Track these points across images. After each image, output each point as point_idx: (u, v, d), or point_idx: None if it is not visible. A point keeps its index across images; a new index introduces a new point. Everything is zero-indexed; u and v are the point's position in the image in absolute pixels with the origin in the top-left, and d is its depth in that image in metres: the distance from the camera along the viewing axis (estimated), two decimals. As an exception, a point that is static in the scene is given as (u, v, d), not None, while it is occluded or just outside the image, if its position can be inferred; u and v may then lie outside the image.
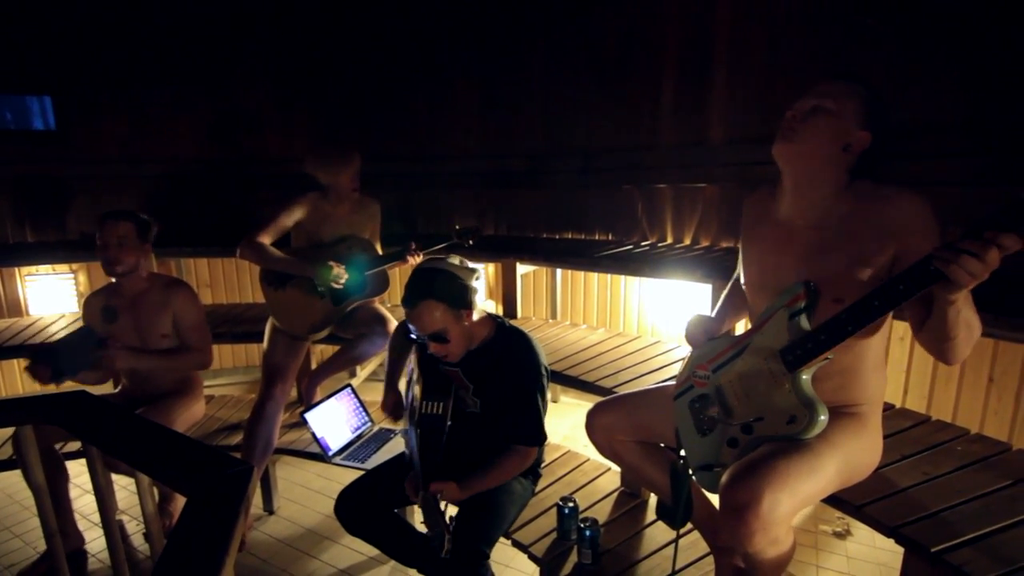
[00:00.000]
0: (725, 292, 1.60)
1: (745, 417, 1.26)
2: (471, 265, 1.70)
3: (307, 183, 2.43)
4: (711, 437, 1.32)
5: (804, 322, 1.18)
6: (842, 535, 2.15)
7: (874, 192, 1.21)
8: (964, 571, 1.12)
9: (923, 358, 2.13)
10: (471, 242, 2.60)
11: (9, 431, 2.29)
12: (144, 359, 2.14)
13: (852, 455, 1.26)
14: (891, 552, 1.97)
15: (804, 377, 1.18)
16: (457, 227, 2.60)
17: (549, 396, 1.81)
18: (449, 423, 1.68)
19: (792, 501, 1.14)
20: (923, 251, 1.01)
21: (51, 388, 1.89)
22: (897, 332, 2.20)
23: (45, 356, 1.92)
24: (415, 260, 2.45)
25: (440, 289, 1.60)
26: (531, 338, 1.76)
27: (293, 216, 2.38)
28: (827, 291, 1.20)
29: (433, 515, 1.58)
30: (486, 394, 1.75)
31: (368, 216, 2.54)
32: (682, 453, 1.38)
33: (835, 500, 1.36)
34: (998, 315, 1.46)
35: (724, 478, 1.19)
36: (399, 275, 3.85)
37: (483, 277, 3.56)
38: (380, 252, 2.52)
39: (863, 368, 1.28)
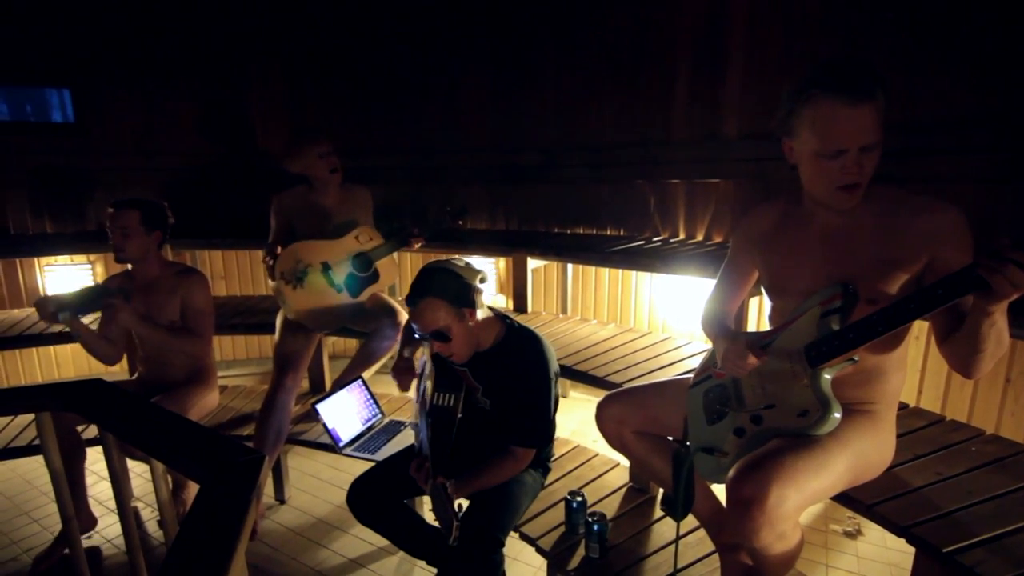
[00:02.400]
0: (711, 314, 1.52)
1: (756, 406, 1.25)
2: (477, 267, 1.69)
3: (299, 182, 2.51)
4: (719, 426, 1.32)
5: (835, 323, 1.17)
6: (853, 535, 2.13)
7: (910, 200, 1.18)
8: (976, 572, 1.10)
9: (939, 358, 2.09)
10: (460, 222, 2.69)
11: (29, 418, 2.35)
12: (143, 325, 2.15)
13: (863, 453, 1.25)
14: (902, 553, 1.96)
15: (825, 376, 1.17)
16: (448, 208, 2.70)
17: (559, 392, 1.81)
18: (460, 416, 1.69)
19: (799, 497, 1.13)
20: (957, 262, 1.00)
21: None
22: (912, 332, 2.16)
23: (54, 297, 2.04)
24: (418, 245, 2.55)
25: (442, 286, 1.60)
26: (541, 340, 1.75)
27: (281, 212, 2.47)
28: (860, 292, 1.19)
29: (442, 503, 1.60)
30: (494, 396, 1.76)
31: (358, 203, 2.57)
32: (688, 443, 1.38)
33: (846, 499, 1.34)
34: (1016, 315, 1.44)
35: (731, 472, 1.18)
36: (410, 269, 3.87)
37: (493, 278, 3.60)
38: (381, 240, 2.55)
39: (887, 367, 1.27)
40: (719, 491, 1.41)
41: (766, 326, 1.42)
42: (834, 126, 1.11)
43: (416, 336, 1.70)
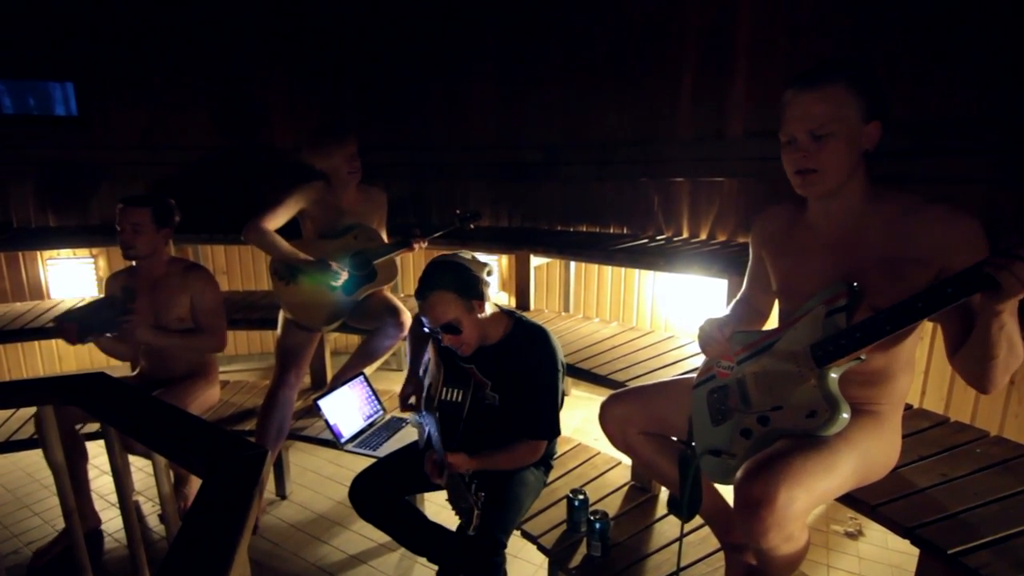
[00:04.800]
0: (730, 310, 1.55)
1: (763, 407, 1.24)
2: (483, 260, 1.71)
3: (315, 174, 2.42)
4: (724, 427, 1.31)
5: (841, 321, 1.15)
6: (854, 535, 2.12)
7: (925, 208, 1.15)
8: (981, 574, 1.10)
9: (942, 359, 2.09)
10: (472, 226, 2.64)
11: (31, 411, 2.35)
12: (161, 336, 2.17)
13: (869, 453, 1.24)
14: (904, 554, 1.95)
15: (832, 375, 1.16)
16: (458, 211, 2.65)
17: (563, 389, 1.81)
18: (467, 411, 1.69)
19: (808, 498, 1.12)
20: None
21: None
22: (917, 332, 2.16)
23: (72, 316, 2.05)
24: (420, 246, 2.49)
25: (451, 279, 1.62)
26: (548, 333, 1.75)
27: (298, 203, 2.35)
28: (864, 296, 1.18)
29: (461, 491, 1.59)
30: (503, 390, 1.75)
31: (375, 207, 2.53)
32: (693, 444, 1.37)
33: (850, 500, 1.34)
34: (1020, 316, 1.43)
35: (739, 473, 1.17)
36: (412, 266, 3.87)
37: (496, 272, 3.59)
38: (386, 241, 2.52)
39: (895, 368, 1.26)
40: (723, 489, 1.40)
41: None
42: (786, 112, 1.19)
43: (425, 330, 1.70)
